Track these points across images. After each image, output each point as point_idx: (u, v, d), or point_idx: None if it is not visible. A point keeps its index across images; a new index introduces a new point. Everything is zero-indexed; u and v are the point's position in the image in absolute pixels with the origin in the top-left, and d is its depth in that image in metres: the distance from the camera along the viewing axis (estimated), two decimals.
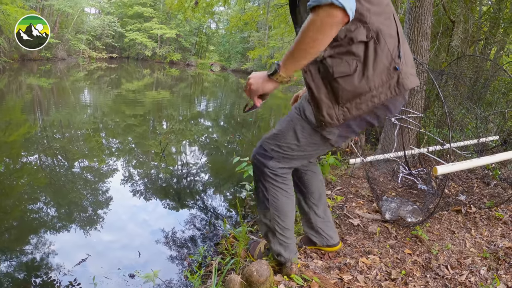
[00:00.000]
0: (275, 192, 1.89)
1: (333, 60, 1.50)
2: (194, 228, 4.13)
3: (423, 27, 4.38)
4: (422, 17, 4.37)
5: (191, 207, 4.70)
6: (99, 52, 34.43)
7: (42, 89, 17.17)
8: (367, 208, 3.12)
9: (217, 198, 5.07)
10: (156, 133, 11.45)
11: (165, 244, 3.89)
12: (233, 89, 28.12)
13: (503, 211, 3.09)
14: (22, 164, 7.17)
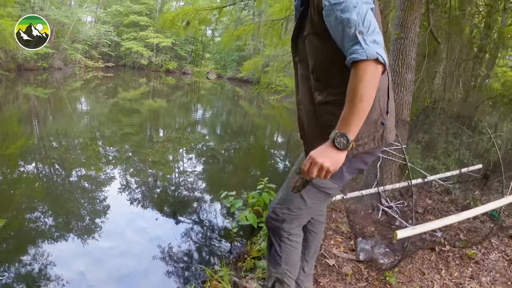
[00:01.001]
0: (288, 250, 2.02)
1: (327, 107, 1.61)
2: (181, 261, 4.20)
3: (407, 59, 4.39)
4: (407, 48, 4.38)
5: (179, 236, 4.75)
6: (96, 61, 34.46)
7: (39, 99, 17.24)
8: (345, 247, 3.22)
9: (205, 227, 5.10)
10: (153, 141, 11.54)
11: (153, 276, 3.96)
12: (229, 97, 28.21)
13: (477, 248, 3.19)
14: (20, 173, 7.23)
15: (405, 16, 4.30)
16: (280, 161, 10.59)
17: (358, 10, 1.37)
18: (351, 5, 1.38)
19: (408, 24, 4.31)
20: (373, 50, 1.33)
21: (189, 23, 8.13)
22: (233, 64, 37.00)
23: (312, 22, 1.57)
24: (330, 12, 1.43)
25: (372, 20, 1.39)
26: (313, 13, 1.55)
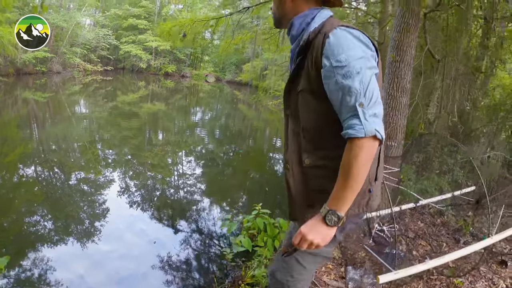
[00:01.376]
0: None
1: (317, 172, 1.52)
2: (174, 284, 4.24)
3: (402, 82, 4.33)
4: (402, 72, 4.31)
5: (175, 253, 4.77)
6: (94, 65, 34.50)
7: (37, 103, 17.26)
8: (335, 274, 3.24)
9: (201, 243, 5.12)
10: (152, 145, 11.58)
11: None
12: (228, 100, 28.24)
13: (464, 276, 3.21)
14: (20, 177, 7.30)
15: (401, 38, 4.24)
16: (279, 164, 10.62)
17: (362, 77, 1.31)
18: (354, 71, 1.31)
19: (404, 47, 4.24)
20: (372, 127, 1.28)
21: (186, 35, 8.16)
22: (232, 67, 37.05)
23: (308, 77, 1.46)
24: (330, 74, 1.35)
25: (375, 89, 1.33)
26: (310, 67, 1.44)
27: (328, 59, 1.35)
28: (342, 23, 1.43)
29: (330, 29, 1.40)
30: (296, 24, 1.57)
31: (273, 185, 8.10)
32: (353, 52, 1.33)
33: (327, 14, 1.53)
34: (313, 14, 1.54)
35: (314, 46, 1.44)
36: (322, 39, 1.39)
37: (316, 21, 1.51)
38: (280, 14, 1.64)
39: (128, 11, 36.90)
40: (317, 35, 1.44)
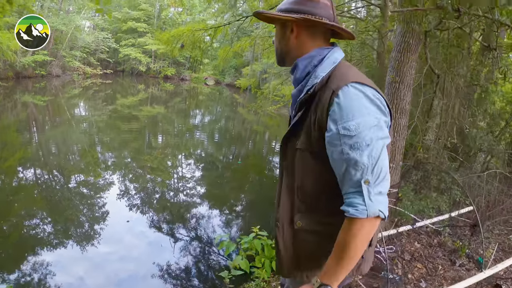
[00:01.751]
0: None
1: (309, 236, 1.40)
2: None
3: (401, 104, 4.23)
4: (402, 93, 4.20)
5: (172, 271, 4.80)
6: (94, 68, 34.46)
7: (37, 106, 17.26)
8: None
9: (199, 259, 5.12)
10: (151, 148, 11.58)
11: None
12: (227, 103, 28.22)
13: None
14: (19, 180, 7.34)
15: (401, 58, 4.12)
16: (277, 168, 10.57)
17: (371, 150, 1.16)
18: (364, 143, 1.15)
19: (404, 67, 4.13)
20: (375, 208, 1.15)
21: (183, 45, 8.18)
22: (232, 71, 37.03)
23: (309, 135, 1.30)
24: (335, 141, 1.19)
25: (385, 164, 1.19)
26: (312, 126, 1.27)
27: (335, 123, 1.19)
28: (355, 75, 1.26)
29: (340, 84, 1.22)
30: (301, 67, 1.38)
31: (271, 195, 8.06)
32: (365, 120, 1.17)
33: (337, 57, 1.35)
34: (321, 56, 1.36)
35: (319, 102, 1.26)
36: (329, 96, 1.22)
37: (324, 65, 1.33)
38: (283, 51, 1.45)
39: (127, 14, 36.87)
40: (324, 87, 1.27)
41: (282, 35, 1.43)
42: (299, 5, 1.35)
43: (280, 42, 1.45)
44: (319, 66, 1.34)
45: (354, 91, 1.20)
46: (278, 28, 1.45)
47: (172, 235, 5.64)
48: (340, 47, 1.43)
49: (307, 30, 1.38)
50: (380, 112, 1.21)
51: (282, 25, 1.42)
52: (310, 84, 1.32)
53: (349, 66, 1.36)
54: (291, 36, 1.39)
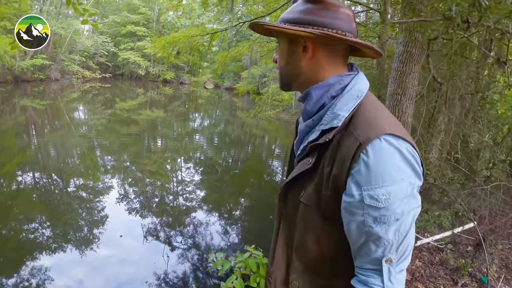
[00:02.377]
0: None
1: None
2: None
3: (403, 117, 4.03)
4: (404, 106, 3.99)
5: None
6: (93, 72, 34.44)
7: (36, 110, 17.26)
8: None
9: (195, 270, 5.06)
10: (150, 152, 11.57)
11: None
12: (227, 107, 28.16)
13: None
14: (18, 184, 7.37)
15: (404, 69, 3.93)
16: (278, 172, 10.53)
17: (400, 225, 0.92)
18: (393, 217, 0.91)
19: (406, 78, 3.93)
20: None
21: (179, 52, 8.05)
22: (231, 74, 36.99)
23: (318, 193, 1.02)
24: (356, 210, 0.93)
25: (412, 239, 0.97)
26: (325, 184, 1.00)
27: (359, 188, 0.92)
28: (387, 122, 0.97)
29: (370, 136, 0.93)
30: (314, 97, 1.09)
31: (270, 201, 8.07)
32: (398, 187, 0.90)
33: (362, 89, 1.05)
34: (341, 85, 1.06)
35: (338, 151, 0.97)
36: (354, 150, 0.93)
37: (345, 100, 1.03)
38: (291, 74, 1.13)
39: (126, 18, 36.89)
40: (344, 131, 0.99)
41: (290, 54, 1.11)
42: (313, 15, 1.05)
43: (287, 63, 1.13)
44: (338, 99, 1.04)
45: (387, 148, 0.92)
46: (283, 45, 1.13)
47: (168, 243, 5.59)
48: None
49: (324, 49, 1.07)
50: (415, 175, 0.94)
51: (290, 41, 1.10)
52: (327, 123, 1.03)
53: (377, 105, 1.07)
54: (303, 56, 1.08)
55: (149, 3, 37.57)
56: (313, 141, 1.05)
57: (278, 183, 9.90)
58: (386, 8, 5.99)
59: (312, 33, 1.02)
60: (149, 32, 36.80)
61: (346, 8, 1.07)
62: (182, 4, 33.93)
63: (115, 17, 37.75)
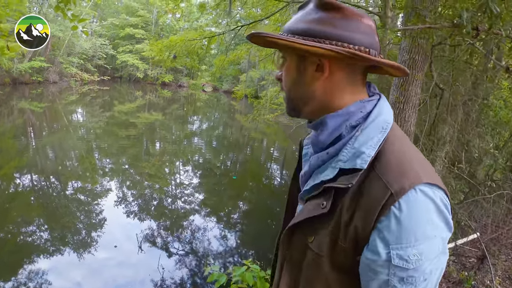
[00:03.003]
0: None
1: None
2: None
3: (406, 126, 3.89)
4: (406, 114, 3.85)
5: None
6: (91, 74, 34.37)
7: (34, 113, 17.22)
8: None
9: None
10: (149, 155, 11.54)
11: None
12: (225, 110, 28.12)
13: None
14: (16, 187, 7.37)
15: (407, 76, 3.58)
16: (276, 175, 10.48)
17: (427, 284, 0.80)
18: (421, 278, 0.78)
19: (409, 86, 3.78)
20: None
21: (176, 56, 7.97)
22: (229, 77, 36.95)
23: (333, 240, 0.85)
24: (380, 269, 0.79)
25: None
26: (343, 236, 0.83)
27: (387, 246, 0.77)
28: (421, 167, 0.83)
29: (403, 185, 0.77)
30: (331, 126, 0.90)
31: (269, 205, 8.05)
32: (430, 246, 0.77)
33: (388, 120, 0.88)
34: (363, 113, 0.89)
35: (361, 199, 0.81)
36: (384, 201, 0.77)
37: (369, 132, 0.86)
38: (300, 97, 0.93)
39: (125, 21, 36.83)
40: (370, 174, 0.82)
41: (300, 73, 0.91)
42: (330, 26, 0.86)
43: (295, 84, 0.93)
44: (360, 132, 0.86)
45: (422, 201, 0.77)
46: (291, 61, 0.92)
47: (165, 249, 5.57)
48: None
49: (343, 68, 0.88)
50: (447, 229, 0.80)
51: (300, 57, 0.90)
52: (346, 160, 0.85)
53: (403, 139, 0.90)
54: (318, 77, 0.89)
55: (147, 5, 37.51)
56: (329, 181, 0.87)
57: (277, 186, 9.83)
58: (386, 12, 5.91)
59: (333, 51, 0.82)
60: (148, 34, 36.75)
61: (368, 18, 0.90)
62: (180, 7, 33.94)
63: (114, 19, 37.68)
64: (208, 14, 11.96)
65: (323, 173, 0.90)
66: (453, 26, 1.85)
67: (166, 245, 5.62)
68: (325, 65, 0.87)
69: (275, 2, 7.86)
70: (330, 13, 0.87)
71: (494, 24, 1.71)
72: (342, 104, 0.90)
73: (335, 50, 0.82)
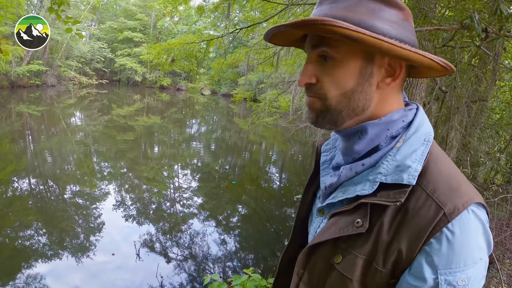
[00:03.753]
0: None
1: None
2: None
3: None
4: None
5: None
6: (89, 78, 34.36)
7: (32, 116, 17.19)
8: None
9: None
10: (147, 158, 11.51)
11: None
12: (224, 113, 28.12)
13: None
14: (14, 191, 7.37)
15: (411, 79, 3.52)
16: (275, 178, 10.44)
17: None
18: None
19: (413, 89, 3.56)
20: None
21: (174, 60, 7.92)
22: (227, 81, 36.96)
23: (367, 264, 0.76)
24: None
25: None
26: (383, 256, 0.73)
27: (435, 272, 0.70)
28: (469, 184, 0.76)
29: (457, 203, 0.70)
30: (371, 136, 0.80)
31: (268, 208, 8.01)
32: (477, 270, 0.71)
33: (430, 131, 0.80)
34: (404, 122, 0.80)
35: (405, 218, 0.72)
36: (435, 221, 0.70)
37: (412, 144, 0.77)
38: (355, 106, 0.79)
39: (123, 24, 36.85)
40: (416, 191, 0.73)
41: (363, 78, 0.77)
42: (394, 25, 0.75)
43: (351, 91, 0.78)
44: (402, 143, 0.78)
45: (474, 223, 0.71)
46: (349, 62, 0.77)
47: (164, 254, 5.54)
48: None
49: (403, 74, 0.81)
50: (488, 251, 0.74)
51: (367, 57, 0.76)
52: (388, 174, 0.76)
53: (444, 153, 0.82)
54: (387, 84, 0.79)
55: (146, 9, 37.55)
56: (367, 196, 0.77)
57: (276, 189, 9.80)
58: None
59: (426, 57, 0.72)
60: (146, 38, 36.78)
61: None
62: (178, 10, 33.96)
63: (112, 23, 37.73)
64: (206, 17, 11.93)
65: (358, 186, 0.79)
66: (462, 27, 1.81)
67: (164, 250, 5.58)
68: (397, 70, 0.78)
69: (274, 5, 7.83)
70: (394, 9, 0.76)
71: (504, 25, 1.67)
72: (384, 112, 0.81)
73: (434, 59, 0.72)
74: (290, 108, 13.21)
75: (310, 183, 1.03)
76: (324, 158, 0.98)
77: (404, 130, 0.80)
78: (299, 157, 14.63)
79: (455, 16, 2.44)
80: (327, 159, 0.97)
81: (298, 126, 15.32)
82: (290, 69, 12.89)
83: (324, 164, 0.97)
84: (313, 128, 13.47)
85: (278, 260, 1.73)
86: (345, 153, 0.86)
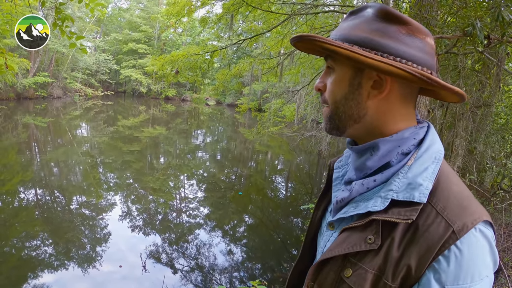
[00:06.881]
0: None
1: None
2: None
3: None
4: None
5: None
6: (95, 89, 34.63)
7: (38, 128, 17.31)
8: None
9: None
10: (153, 169, 11.54)
11: None
12: (229, 123, 28.16)
13: None
14: (20, 202, 7.38)
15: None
16: (281, 188, 10.42)
17: None
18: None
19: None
20: None
21: (178, 71, 7.98)
22: (232, 91, 37.11)
23: (377, 279, 0.77)
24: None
25: None
26: (390, 274, 0.75)
27: (441, 287, 0.71)
28: (476, 202, 0.78)
29: (467, 221, 0.72)
30: (382, 152, 0.83)
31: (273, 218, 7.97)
32: (482, 287, 0.73)
33: (440, 149, 0.83)
34: (416, 140, 0.83)
35: (415, 236, 0.74)
36: (444, 238, 0.72)
37: (423, 162, 0.80)
38: (349, 114, 0.84)
39: (128, 36, 37.18)
40: (426, 208, 0.75)
41: (353, 87, 0.83)
42: (393, 40, 0.78)
43: (346, 98, 0.84)
44: (413, 161, 0.80)
45: (481, 240, 0.73)
46: (343, 73, 0.83)
47: (170, 265, 5.52)
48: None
49: (401, 88, 0.81)
50: (493, 268, 0.75)
51: (356, 70, 0.82)
52: (399, 191, 0.78)
53: (455, 174, 0.84)
54: (375, 95, 0.81)
55: (150, 21, 37.89)
56: (378, 213, 0.78)
57: (282, 199, 9.77)
58: None
59: (405, 71, 0.75)
60: (151, 49, 37.07)
61: (431, 38, 0.82)
62: (182, 22, 34.20)
63: (117, 35, 38.10)
64: (210, 28, 12.03)
65: (369, 202, 0.81)
66: (464, 35, 1.82)
67: (171, 260, 5.57)
68: (385, 83, 0.80)
69: (277, 15, 7.89)
70: (395, 25, 0.79)
71: (507, 31, 1.69)
72: (395, 129, 0.83)
73: (407, 70, 0.74)
74: (295, 117, 13.20)
75: (322, 198, 1.05)
76: (336, 174, 1.00)
77: (415, 148, 0.82)
78: (305, 166, 14.60)
79: (457, 23, 2.44)
80: (339, 175, 0.99)
81: (304, 135, 15.31)
82: (294, 79, 12.94)
83: (336, 180, 0.99)
84: (318, 137, 13.48)
85: (285, 270, 1.72)
86: (357, 169, 0.88)
